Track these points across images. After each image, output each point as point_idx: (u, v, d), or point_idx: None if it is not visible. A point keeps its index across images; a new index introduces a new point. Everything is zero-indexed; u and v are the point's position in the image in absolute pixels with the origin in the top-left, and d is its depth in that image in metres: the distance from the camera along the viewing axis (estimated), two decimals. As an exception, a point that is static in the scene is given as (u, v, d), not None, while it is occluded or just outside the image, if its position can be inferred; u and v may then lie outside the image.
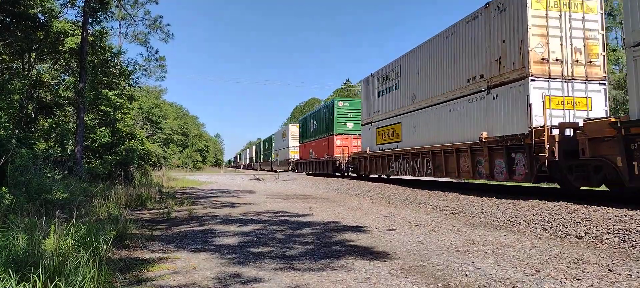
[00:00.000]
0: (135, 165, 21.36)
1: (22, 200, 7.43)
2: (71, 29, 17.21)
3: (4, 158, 7.97)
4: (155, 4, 35.38)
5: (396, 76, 20.19)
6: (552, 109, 11.73)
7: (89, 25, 17.35)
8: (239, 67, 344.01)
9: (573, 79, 12.03)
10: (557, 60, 11.95)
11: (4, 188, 7.39)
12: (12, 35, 14.79)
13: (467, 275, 4.82)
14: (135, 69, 23.53)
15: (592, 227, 7.33)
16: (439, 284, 4.49)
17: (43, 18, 16.73)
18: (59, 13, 18.16)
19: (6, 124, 9.91)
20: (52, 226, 5.06)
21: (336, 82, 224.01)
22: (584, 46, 12.15)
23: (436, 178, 19.84)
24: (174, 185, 23.19)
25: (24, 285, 3.57)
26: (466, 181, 18.54)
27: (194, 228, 8.23)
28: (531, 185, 13.61)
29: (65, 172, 12.78)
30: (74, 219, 5.71)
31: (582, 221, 7.69)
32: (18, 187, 8.11)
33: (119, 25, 31.42)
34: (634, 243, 6.30)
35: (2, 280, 3.58)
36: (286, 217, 9.84)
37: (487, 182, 15.59)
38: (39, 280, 3.61)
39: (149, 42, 34.54)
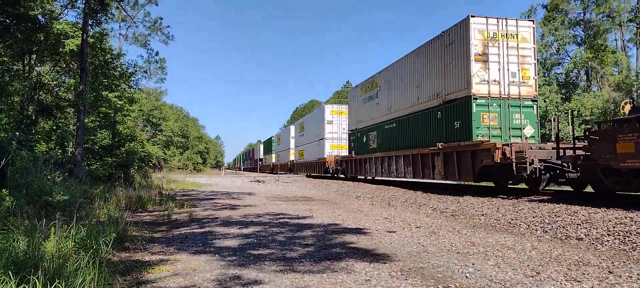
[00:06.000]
0: (136, 167, 21.36)
1: (22, 202, 7.42)
2: (71, 31, 17.22)
3: (4, 161, 7.97)
4: (155, 5, 35.42)
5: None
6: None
7: (89, 27, 17.37)
8: (239, 69, 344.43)
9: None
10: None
11: (4, 190, 7.39)
12: (13, 37, 14.79)
13: (467, 277, 4.82)
14: (136, 70, 23.57)
15: (592, 229, 7.33)
16: (439, 286, 4.48)
17: (43, 20, 16.75)
18: (59, 15, 18.19)
19: (6, 126, 9.91)
20: (52, 228, 5.06)
21: (337, 84, 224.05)
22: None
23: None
24: (175, 187, 23.17)
25: (24, 287, 3.57)
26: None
27: (194, 230, 8.23)
28: (527, 187, 13.77)
29: (66, 174, 12.77)
30: (74, 221, 5.71)
31: (583, 223, 7.69)
32: (18, 189, 8.11)
33: (119, 27, 31.52)
34: (634, 245, 6.30)
35: (2, 282, 3.57)
36: (286, 219, 9.83)
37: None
38: (39, 282, 3.61)
39: (149, 44, 34.70)
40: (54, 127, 17.82)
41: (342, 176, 28.87)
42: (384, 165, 20.94)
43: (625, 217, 7.52)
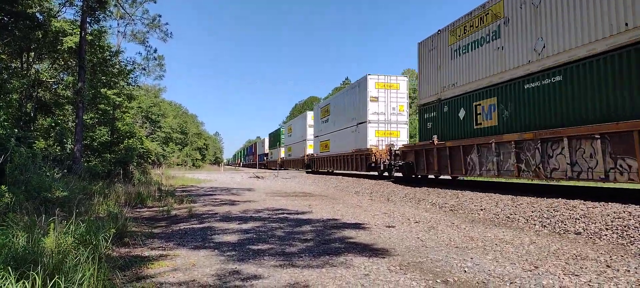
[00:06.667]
0: (135, 163, 21.34)
1: (22, 199, 7.43)
2: (70, 28, 17.19)
3: (3, 157, 7.97)
4: (154, 2, 35.37)
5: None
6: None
7: (87, 25, 17.32)
8: (237, 66, 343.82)
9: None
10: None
11: (3, 186, 7.40)
12: (11, 35, 14.75)
13: (465, 271, 4.84)
14: (134, 67, 23.49)
15: (590, 223, 7.35)
16: (438, 280, 4.50)
17: (41, 17, 16.70)
18: (58, 12, 18.12)
19: (5, 123, 9.90)
20: (52, 224, 5.06)
21: (335, 80, 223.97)
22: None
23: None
24: (174, 183, 23.18)
25: (24, 283, 3.57)
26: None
27: (193, 225, 8.24)
28: (521, 181, 13.75)
29: (65, 171, 12.78)
30: (74, 217, 5.72)
31: (581, 217, 7.71)
32: (17, 186, 8.11)
33: (118, 24, 31.44)
34: (632, 239, 6.32)
35: (2, 278, 3.58)
36: (286, 215, 9.85)
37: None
38: (39, 278, 3.61)
39: (147, 41, 34.58)
40: (53, 124, 17.80)
41: (399, 175, 20.25)
42: (525, 154, 11.22)
43: (624, 211, 7.54)
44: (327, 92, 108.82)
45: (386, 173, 21.72)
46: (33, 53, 17.68)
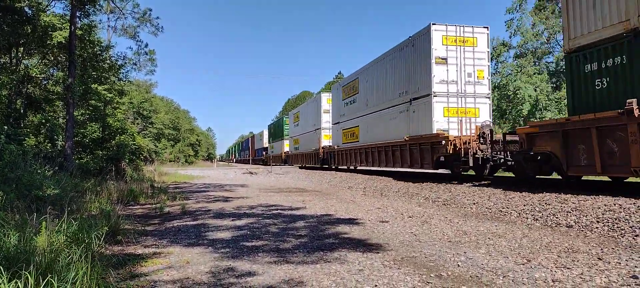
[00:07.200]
0: (127, 160, 21.18)
1: (12, 197, 7.35)
2: (59, 23, 16.98)
3: (-8, 155, 7.88)
4: (145, -4, 35.05)
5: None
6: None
7: (77, 19, 17.11)
8: (229, 62, 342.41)
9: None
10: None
11: (-7, 185, 7.31)
12: (-1, 30, 14.55)
13: (459, 265, 4.87)
14: (125, 62, 23.26)
15: (582, 216, 7.42)
16: (432, 274, 4.53)
17: (30, 11, 16.47)
18: (47, 6, 17.89)
19: (-6, 120, 9.79)
20: (43, 222, 5.02)
21: (328, 75, 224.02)
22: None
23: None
24: (166, 180, 23.07)
25: (16, 282, 3.54)
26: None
27: (187, 223, 8.21)
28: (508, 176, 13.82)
29: (56, 168, 12.65)
30: (66, 215, 5.67)
31: (572, 211, 7.79)
32: (8, 184, 8.01)
33: (108, 18, 31.06)
34: (622, 231, 6.40)
35: (-6, 278, 3.54)
36: (280, 211, 9.84)
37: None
38: (31, 277, 3.58)
39: (138, 36, 34.23)
40: (43, 121, 17.62)
41: (503, 175, 15.69)
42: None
43: (614, 204, 7.63)
44: (320, 86, 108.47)
45: (472, 171, 15.07)
46: (22, 48, 17.45)
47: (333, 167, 28.58)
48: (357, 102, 23.85)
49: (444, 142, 14.55)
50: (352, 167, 26.22)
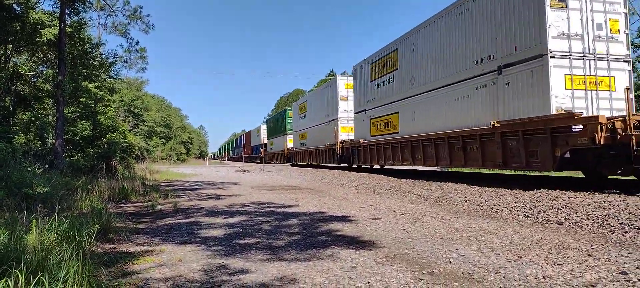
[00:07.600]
0: (118, 158, 21.04)
1: (2, 195, 7.28)
2: (48, 20, 16.75)
3: (-19, 153, 7.78)
4: (135, -7, 34.80)
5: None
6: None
7: (67, 16, 16.93)
8: (220, 59, 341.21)
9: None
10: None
11: (-18, 183, 7.23)
12: (-13, 27, 14.36)
13: (451, 262, 4.90)
14: (116, 60, 23.12)
15: (572, 213, 7.50)
16: (424, 271, 4.55)
17: (18, 8, 16.26)
18: (35, 3, 17.67)
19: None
20: (34, 221, 4.97)
21: (320, 73, 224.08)
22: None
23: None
24: (158, 177, 22.94)
25: (7, 281, 3.51)
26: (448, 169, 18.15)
27: (179, 220, 8.18)
28: (512, 173, 13.89)
29: (46, 166, 12.53)
30: (56, 213, 5.63)
31: (563, 208, 7.87)
32: (-3, 182, 7.93)
33: (98, 16, 30.83)
34: (612, 228, 6.48)
35: (-17, 277, 3.51)
36: (272, 208, 9.84)
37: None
38: (22, 276, 3.55)
39: (129, 33, 34.02)
40: (33, 119, 17.42)
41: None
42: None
43: (604, 201, 7.72)
44: (312, 84, 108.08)
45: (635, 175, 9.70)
46: (10, 46, 17.22)
47: (356, 165, 23.06)
48: (395, 81, 18.36)
49: (581, 126, 9.38)
50: (388, 166, 20.98)
